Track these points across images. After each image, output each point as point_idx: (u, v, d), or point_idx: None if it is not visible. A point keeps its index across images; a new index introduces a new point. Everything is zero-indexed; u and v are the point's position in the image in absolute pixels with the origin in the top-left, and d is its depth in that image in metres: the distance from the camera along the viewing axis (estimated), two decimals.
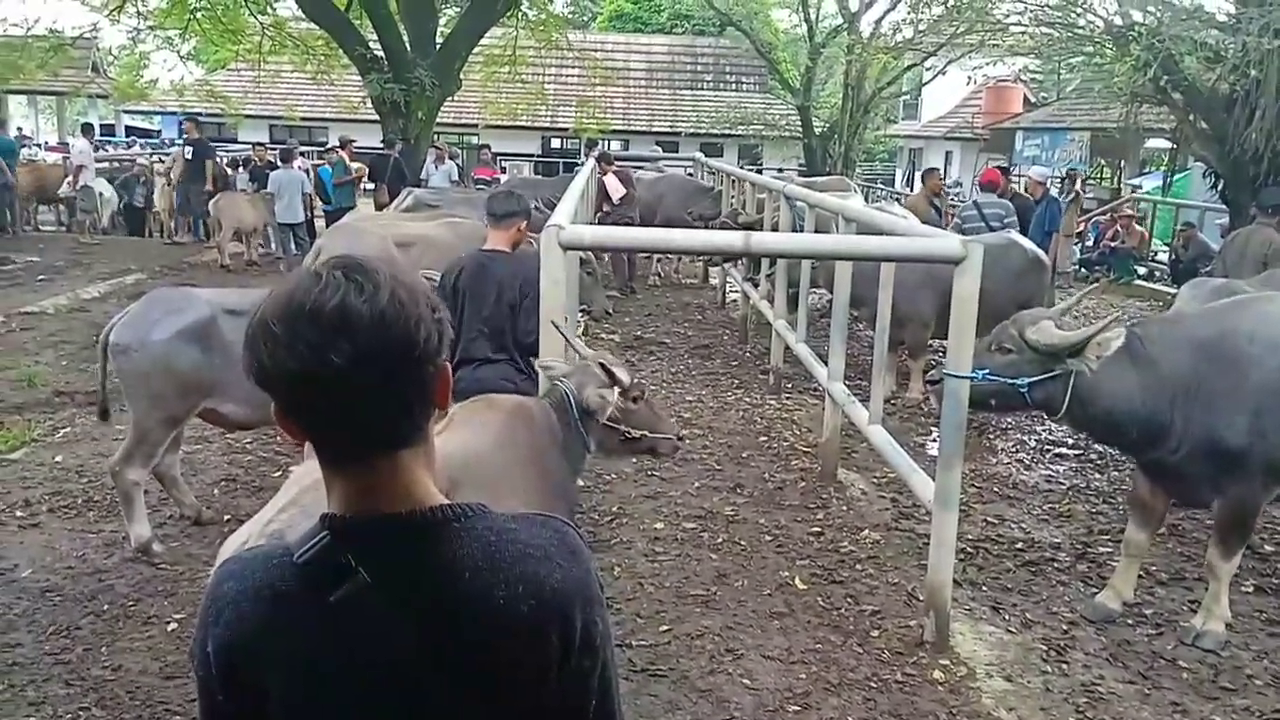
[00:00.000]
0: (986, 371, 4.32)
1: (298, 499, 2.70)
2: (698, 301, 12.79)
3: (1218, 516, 4.42)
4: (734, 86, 32.32)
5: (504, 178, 21.87)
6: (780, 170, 26.06)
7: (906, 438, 6.75)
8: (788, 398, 8.31)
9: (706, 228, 11.13)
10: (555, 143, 30.78)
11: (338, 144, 16.29)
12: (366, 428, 1.18)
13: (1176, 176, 17.00)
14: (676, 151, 27.80)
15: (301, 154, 17.58)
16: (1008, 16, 12.65)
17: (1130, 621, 4.71)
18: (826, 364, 6.37)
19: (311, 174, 14.90)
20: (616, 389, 3.74)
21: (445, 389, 1.25)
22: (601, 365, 3.76)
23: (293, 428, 1.20)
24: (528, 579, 1.21)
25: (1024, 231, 9.75)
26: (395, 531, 1.20)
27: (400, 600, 1.19)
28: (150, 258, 14.40)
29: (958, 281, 4.20)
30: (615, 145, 30.11)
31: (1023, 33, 12.89)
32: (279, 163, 14.57)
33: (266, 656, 1.20)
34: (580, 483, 5.98)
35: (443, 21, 18.41)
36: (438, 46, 16.60)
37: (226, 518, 5.43)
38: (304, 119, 25.36)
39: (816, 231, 7.66)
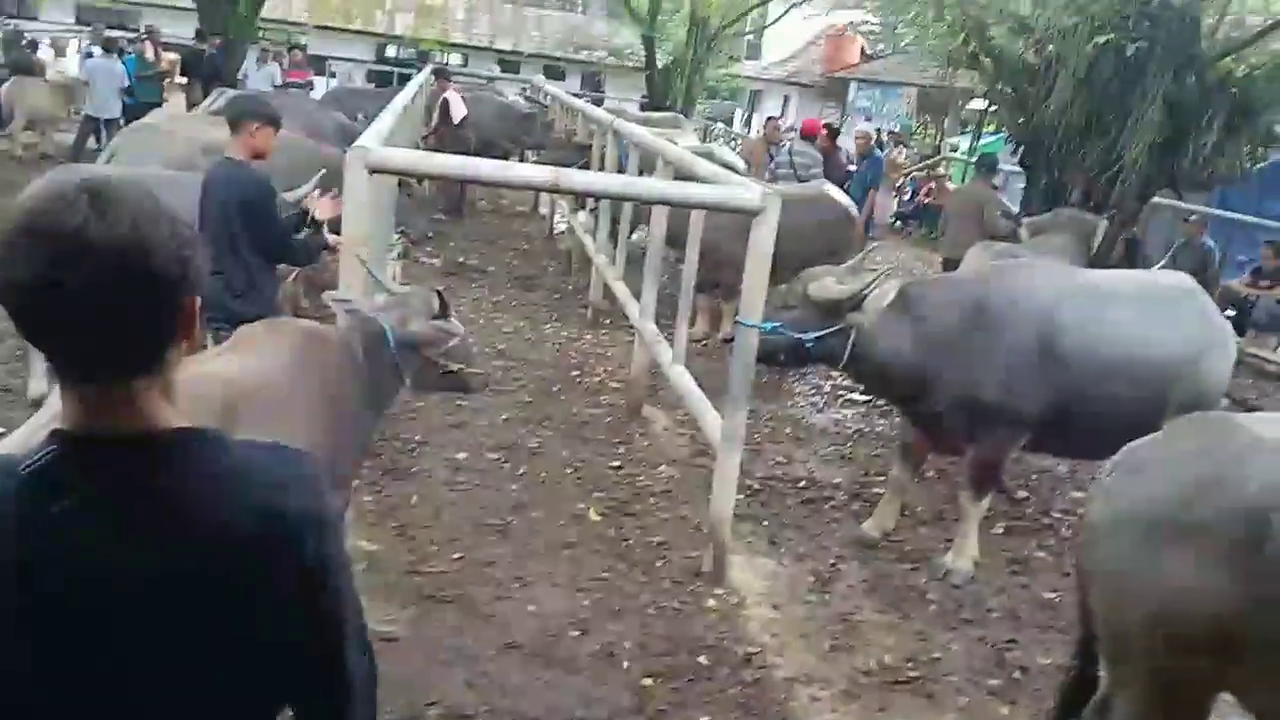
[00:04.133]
0: (777, 325, 4.56)
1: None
2: (527, 230, 12.73)
3: (969, 463, 4.88)
4: (581, 9, 31.78)
5: (326, 80, 20.89)
6: (619, 101, 25.95)
7: (715, 378, 7.01)
8: (604, 333, 8.45)
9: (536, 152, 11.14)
10: (391, 51, 29.55)
11: (143, 33, 15.12)
12: (96, 352, 1.19)
13: (988, 140, 17.95)
14: (517, 72, 27.28)
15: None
16: None
17: (892, 556, 5.13)
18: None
19: None
20: (454, 320, 3.77)
21: (189, 322, 1.25)
22: (439, 295, 3.75)
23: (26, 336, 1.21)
24: (257, 505, 1.24)
25: (844, 185, 10.19)
26: (121, 451, 1.21)
27: (122, 520, 1.20)
28: None
29: (754, 233, 4.40)
30: (455, 60, 29.31)
31: None
32: (98, 50, 13.45)
33: None
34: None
35: None
36: None
37: (1, 431, 5.13)
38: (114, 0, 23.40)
39: (640, 168, 7.76)
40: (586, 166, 9.39)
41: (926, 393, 4.72)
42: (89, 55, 13.60)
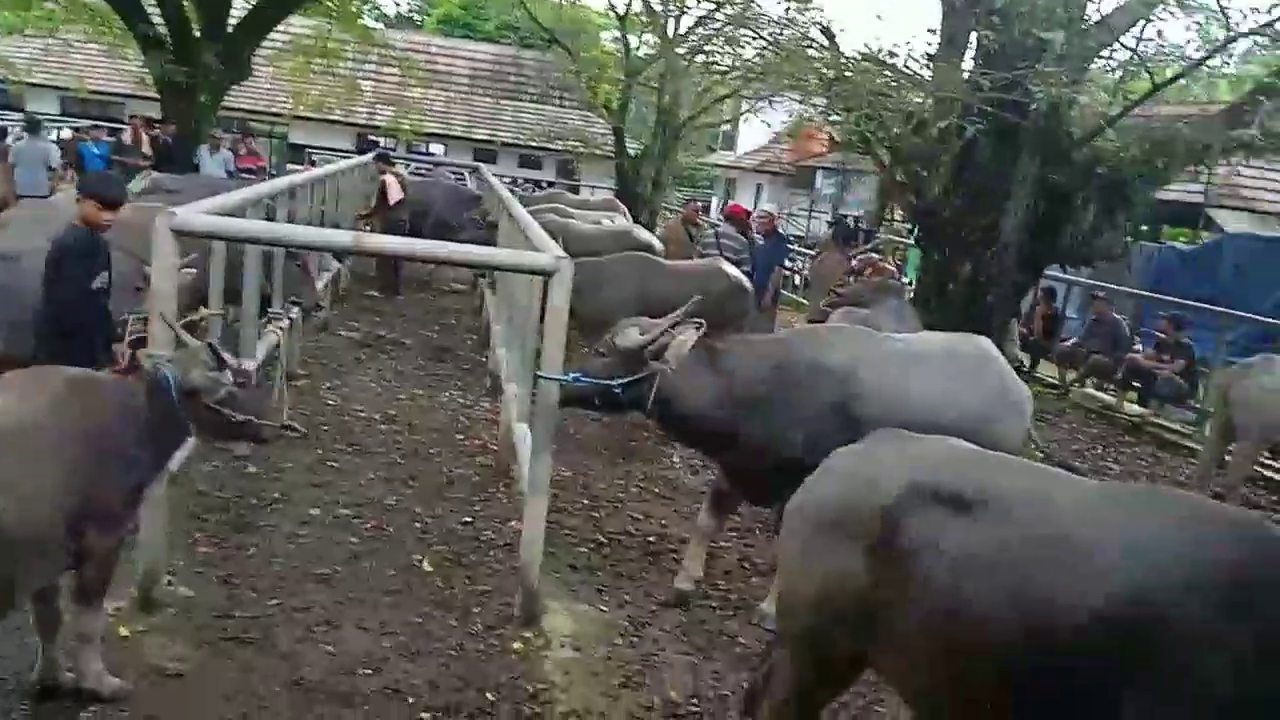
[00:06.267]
0: (579, 374, 4.80)
1: None
2: (458, 306, 13.03)
3: (781, 514, 5.04)
4: (556, 101, 32.73)
5: (298, 167, 21.50)
6: (593, 187, 26.90)
7: (608, 440, 7.42)
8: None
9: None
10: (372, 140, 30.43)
11: (129, 118, 15.73)
12: None
13: None
14: (494, 160, 28.15)
15: (77, 129, 16.95)
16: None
17: (714, 605, 5.27)
18: None
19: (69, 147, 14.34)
20: (228, 372, 4.00)
21: None
22: (211, 348, 4.01)
23: None
24: None
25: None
26: None
27: None
28: None
29: (550, 292, 4.66)
30: (436, 149, 30.26)
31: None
32: (25, 133, 13.98)
33: None
34: (252, 469, 6.20)
35: (240, 5, 17.99)
36: (229, 30, 16.30)
37: None
38: (95, 92, 24.20)
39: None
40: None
41: (731, 445, 4.93)
42: (19, 139, 14.04)
